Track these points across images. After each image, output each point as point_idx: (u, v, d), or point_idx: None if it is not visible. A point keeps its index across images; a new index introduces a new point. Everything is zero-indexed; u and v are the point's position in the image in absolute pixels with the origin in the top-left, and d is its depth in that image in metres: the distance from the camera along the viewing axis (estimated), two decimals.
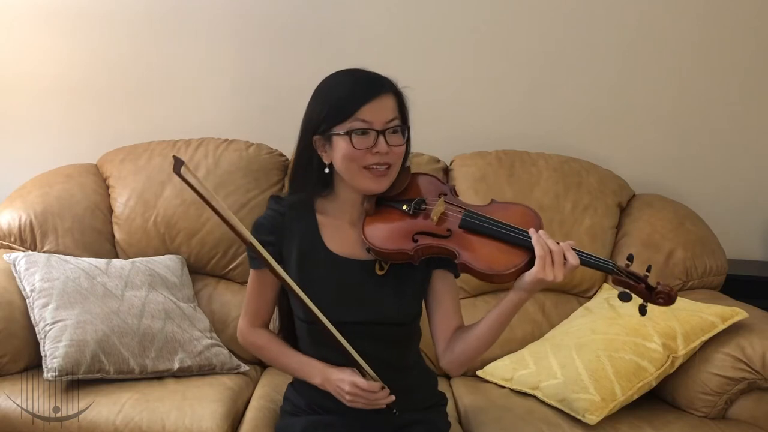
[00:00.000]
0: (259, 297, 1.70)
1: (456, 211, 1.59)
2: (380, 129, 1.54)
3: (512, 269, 1.48)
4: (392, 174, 1.59)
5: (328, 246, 1.63)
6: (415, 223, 1.58)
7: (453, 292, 1.67)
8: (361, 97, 1.54)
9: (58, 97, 2.70)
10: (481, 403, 2.06)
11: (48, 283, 2.07)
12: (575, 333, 2.13)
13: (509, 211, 1.59)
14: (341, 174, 1.59)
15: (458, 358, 1.61)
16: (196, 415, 1.87)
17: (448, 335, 1.63)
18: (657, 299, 1.48)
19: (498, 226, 1.53)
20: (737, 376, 1.95)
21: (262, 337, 1.73)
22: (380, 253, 1.58)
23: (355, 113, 1.53)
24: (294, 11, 2.65)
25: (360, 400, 1.57)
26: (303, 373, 1.66)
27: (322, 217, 1.66)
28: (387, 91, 1.57)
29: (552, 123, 2.70)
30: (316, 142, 1.59)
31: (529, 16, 2.65)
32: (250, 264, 1.69)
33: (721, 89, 2.68)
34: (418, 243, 1.55)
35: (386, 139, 1.54)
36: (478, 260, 1.50)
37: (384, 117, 1.55)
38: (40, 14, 2.64)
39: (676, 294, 1.50)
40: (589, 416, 1.91)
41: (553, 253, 1.44)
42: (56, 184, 2.42)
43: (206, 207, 1.40)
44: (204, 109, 2.70)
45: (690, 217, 2.47)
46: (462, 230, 1.55)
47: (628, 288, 1.48)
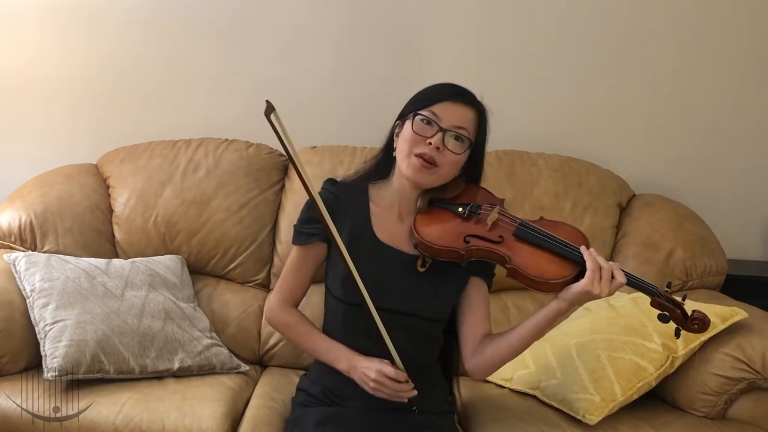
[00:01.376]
0: (298, 273, 1.75)
1: (509, 221, 1.67)
2: (445, 127, 1.62)
3: (561, 279, 1.58)
4: (435, 174, 1.65)
5: (377, 234, 1.69)
6: (467, 226, 1.66)
7: (485, 300, 1.75)
8: (444, 95, 1.65)
9: (58, 97, 2.70)
10: (481, 403, 2.06)
11: (48, 283, 2.07)
12: (575, 333, 2.13)
13: (558, 228, 1.69)
14: (396, 155, 1.68)
15: (486, 362, 1.68)
16: (196, 415, 1.87)
17: (477, 339, 1.70)
18: (692, 326, 1.61)
19: (551, 238, 1.63)
20: (737, 376, 1.95)
21: (293, 315, 1.77)
22: (430, 248, 1.64)
23: (433, 105, 1.64)
24: (294, 11, 2.65)
25: (384, 389, 1.60)
26: (330, 357, 1.69)
27: (374, 205, 1.73)
28: (472, 104, 1.68)
29: (552, 123, 2.70)
30: (397, 127, 1.71)
31: (529, 16, 2.65)
32: (295, 240, 1.73)
33: (721, 89, 2.68)
34: (470, 244, 1.62)
35: (444, 139, 1.62)
36: (529, 266, 1.60)
37: (454, 121, 1.64)
38: (40, 14, 2.64)
39: (710, 321, 1.62)
40: (589, 416, 1.91)
41: (603, 269, 1.54)
42: (56, 184, 2.42)
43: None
44: (204, 109, 2.70)
45: (690, 217, 2.47)
46: (515, 238, 1.64)
47: (666, 311, 1.61)
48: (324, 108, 2.69)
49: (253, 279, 2.41)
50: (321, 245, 1.72)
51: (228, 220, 2.37)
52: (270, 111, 1.41)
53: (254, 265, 2.40)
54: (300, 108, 2.67)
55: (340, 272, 1.66)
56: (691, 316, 1.60)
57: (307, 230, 1.71)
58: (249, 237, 2.38)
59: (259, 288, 2.42)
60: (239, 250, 2.38)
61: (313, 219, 1.69)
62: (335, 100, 2.69)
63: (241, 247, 2.38)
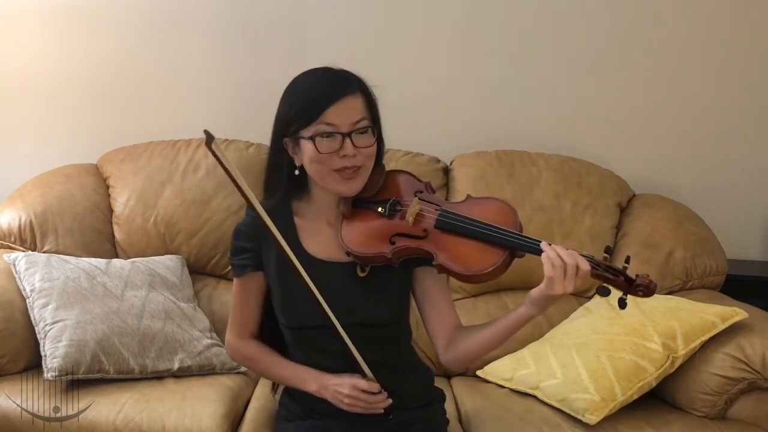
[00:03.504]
0: (245, 305, 1.68)
1: (432, 210, 1.56)
2: (347, 131, 1.51)
3: (490, 268, 1.47)
4: (363, 175, 1.56)
5: (307, 249, 1.61)
6: (391, 225, 1.56)
7: (442, 288, 1.65)
8: (326, 100, 1.50)
9: (58, 97, 2.70)
10: (481, 403, 2.06)
11: (48, 283, 2.07)
12: (575, 333, 2.13)
13: (486, 206, 1.56)
14: (312, 177, 1.57)
15: (461, 358, 1.61)
16: (196, 415, 1.87)
17: (448, 333, 1.62)
18: (636, 291, 1.44)
19: (472, 224, 1.50)
20: (737, 376, 1.95)
21: (252, 348, 1.70)
22: (359, 257, 1.56)
23: (320, 116, 1.50)
24: (294, 12, 2.65)
25: (359, 404, 1.56)
26: (298, 382, 1.64)
27: (299, 219, 1.64)
28: (353, 90, 1.53)
29: (552, 123, 2.70)
30: (287, 144, 1.57)
31: (529, 16, 2.65)
32: (234, 273, 1.66)
33: (721, 89, 2.68)
34: (396, 245, 1.53)
35: (353, 141, 1.51)
36: (455, 261, 1.48)
37: (350, 118, 1.51)
38: (40, 14, 2.64)
39: (656, 286, 1.46)
40: (589, 416, 1.91)
41: (567, 266, 1.40)
42: (56, 184, 2.42)
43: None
44: (204, 109, 2.70)
45: (690, 217, 2.47)
46: (438, 230, 1.52)
47: (607, 282, 1.44)
48: None
49: None
50: (256, 274, 1.63)
51: (228, 220, 2.37)
52: (210, 140, 1.31)
53: None
54: None
55: (278, 298, 1.62)
56: (636, 282, 1.43)
57: (238, 262, 1.64)
58: None
59: None
60: None
61: (242, 249, 1.62)
62: None
63: None
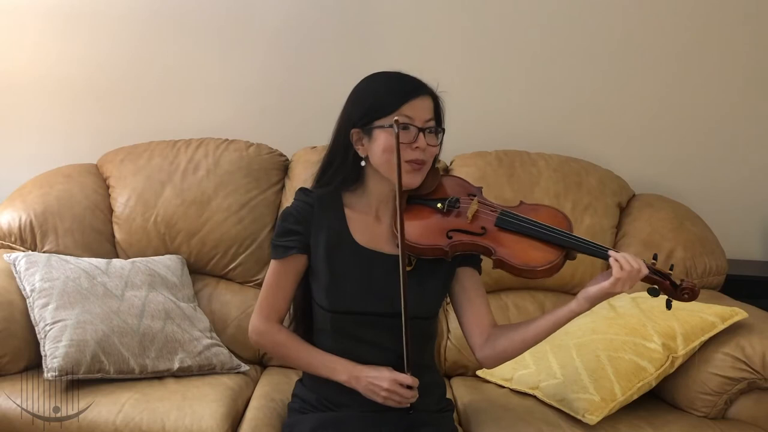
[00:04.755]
0: (279, 289, 1.70)
1: (489, 211, 1.65)
2: (421, 126, 1.61)
3: (547, 265, 1.57)
4: (425, 171, 1.65)
5: (355, 239, 1.67)
6: (449, 221, 1.64)
7: (481, 289, 1.74)
8: (406, 94, 1.61)
9: (58, 97, 2.70)
10: (481, 403, 2.06)
11: (48, 283, 2.07)
12: (575, 333, 2.13)
13: (539, 212, 1.67)
14: (378, 167, 1.64)
15: (498, 354, 1.67)
16: (196, 415, 1.87)
17: (485, 330, 1.69)
18: (682, 295, 1.57)
19: (532, 224, 1.61)
20: (737, 376, 1.95)
21: (282, 332, 1.72)
22: (414, 248, 1.62)
23: (399, 108, 1.59)
24: (294, 11, 2.65)
25: (395, 398, 1.59)
26: (327, 371, 1.66)
27: (349, 211, 1.70)
28: (427, 92, 1.64)
29: (552, 123, 2.70)
30: (354, 135, 1.64)
31: (528, 15, 2.65)
32: (273, 254, 1.70)
33: (721, 89, 2.68)
34: (453, 239, 1.61)
35: (426, 137, 1.61)
36: (514, 256, 1.58)
37: (424, 116, 1.62)
38: (40, 14, 2.64)
39: (699, 290, 1.59)
40: (589, 416, 1.91)
41: (633, 270, 1.51)
42: (56, 184, 2.42)
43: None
44: (204, 109, 2.70)
45: (690, 217, 2.47)
46: (497, 228, 1.62)
47: (657, 284, 1.57)
48: (324, 108, 2.68)
49: (253, 279, 2.41)
50: (300, 257, 1.68)
51: (228, 220, 2.37)
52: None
53: (254, 265, 2.40)
54: (300, 108, 2.67)
55: (323, 281, 1.65)
56: (681, 286, 1.57)
57: (283, 243, 1.68)
58: (249, 237, 2.38)
59: (259, 288, 2.40)
60: (239, 250, 2.38)
61: (289, 231, 1.67)
62: (335, 100, 2.68)
63: (241, 247, 2.38)
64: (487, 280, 2.33)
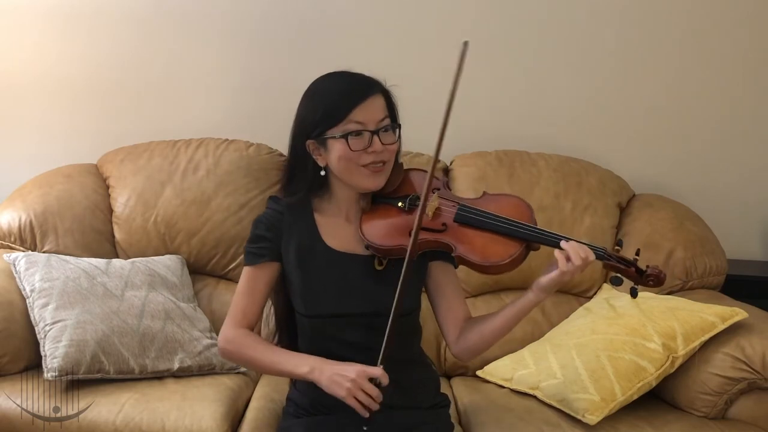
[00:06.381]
0: (251, 294, 1.67)
1: (450, 206, 1.64)
2: (374, 129, 1.59)
3: (508, 259, 1.55)
4: (387, 170, 1.64)
5: (327, 243, 1.67)
6: (411, 219, 1.61)
7: (455, 283, 1.72)
8: (352, 100, 1.58)
9: (58, 97, 2.70)
10: (481, 403, 2.06)
11: (48, 283, 2.07)
12: (575, 333, 2.13)
13: (501, 202, 1.65)
14: (338, 175, 1.63)
15: (472, 347, 1.67)
16: (196, 415, 1.87)
17: (458, 324, 1.68)
18: (647, 281, 1.56)
19: (491, 218, 1.59)
20: (737, 376, 1.95)
21: (249, 336, 1.67)
22: (379, 250, 1.62)
23: (348, 115, 1.58)
24: (294, 11, 2.65)
25: (360, 395, 1.51)
26: (290, 366, 1.60)
27: (319, 215, 1.70)
28: (376, 91, 1.62)
29: (552, 123, 2.70)
30: (310, 146, 1.63)
31: (528, 15, 2.65)
32: (246, 260, 1.68)
33: (721, 89, 2.68)
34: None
35: (380, 138, 1.59)
36: (474, 252, 1.57)
37: (376, 117, 1.60)
38: (40, 14, 2.64)
39: (665, 276, 1.57)
40: (589, 416, 1.91)
41: (579, 262, 1.51)
42: (56, 184, 2.42)
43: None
44: (204, 109, 2.70)
45: (690, 217, 2.47)
46: (457, 224, 1.61)
47: (619, 272, 1.56)
48: None
49: None
50: (272, 264, 1.66)
51: (228, 220, 2.37)
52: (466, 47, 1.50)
53: None
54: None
55: (298, 287, 1.65)
56: (646, 273, 1.55)
57: (254, 250, 1.67)
58: None
59: None
60: (239, 250, 2.38)
61: (260, 238, 1.66)
62: None
63: (241, 247, 2.36)
64: (486, 280, 2.35)
